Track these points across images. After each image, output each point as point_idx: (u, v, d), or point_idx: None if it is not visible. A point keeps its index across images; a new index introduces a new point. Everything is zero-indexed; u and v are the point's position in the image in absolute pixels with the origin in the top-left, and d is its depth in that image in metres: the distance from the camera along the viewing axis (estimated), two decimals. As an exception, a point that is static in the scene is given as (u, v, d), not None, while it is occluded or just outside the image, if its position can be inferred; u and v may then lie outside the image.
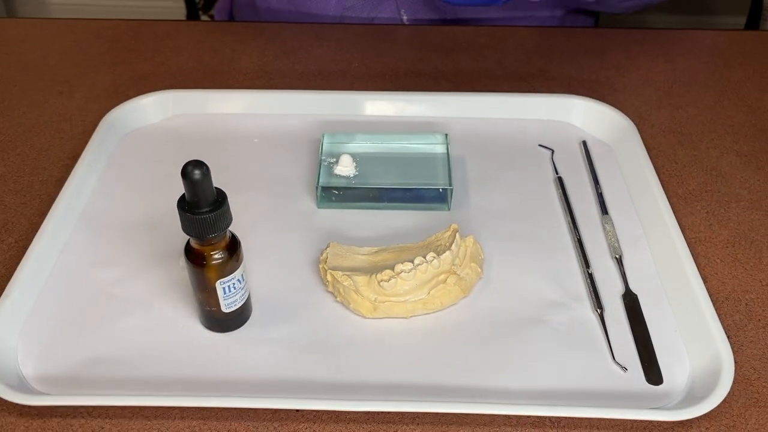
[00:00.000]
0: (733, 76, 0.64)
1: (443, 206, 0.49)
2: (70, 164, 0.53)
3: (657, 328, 0.41)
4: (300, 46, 0.67)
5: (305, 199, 0.50)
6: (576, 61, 0.65)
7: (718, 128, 0.58)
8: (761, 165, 0.54)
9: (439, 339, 0.41)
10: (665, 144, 0.56)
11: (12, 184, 0.52)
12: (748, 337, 0.42)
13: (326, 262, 0.43)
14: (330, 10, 0.74)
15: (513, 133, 0.55)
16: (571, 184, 0.51)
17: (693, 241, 0.47)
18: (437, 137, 0.52)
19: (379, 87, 0.62)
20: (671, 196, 0.50)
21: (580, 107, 0.56)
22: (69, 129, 0.57)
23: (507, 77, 0.63)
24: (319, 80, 0.63)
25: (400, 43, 0.68)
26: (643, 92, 0.61)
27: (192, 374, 0.39)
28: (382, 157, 0.51)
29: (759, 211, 0.50)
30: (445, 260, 0.41)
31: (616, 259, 0.45)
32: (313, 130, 0.55)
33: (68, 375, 0.38)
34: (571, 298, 0.43)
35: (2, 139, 0.56)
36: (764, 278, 0.45)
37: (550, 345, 0.40)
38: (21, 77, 0.64)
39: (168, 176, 0.51)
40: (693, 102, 0.61)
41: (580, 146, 0.54)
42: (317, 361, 0.39)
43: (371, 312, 0.41)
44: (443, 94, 0.57)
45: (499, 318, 0.42)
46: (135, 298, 0.42)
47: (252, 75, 0.64)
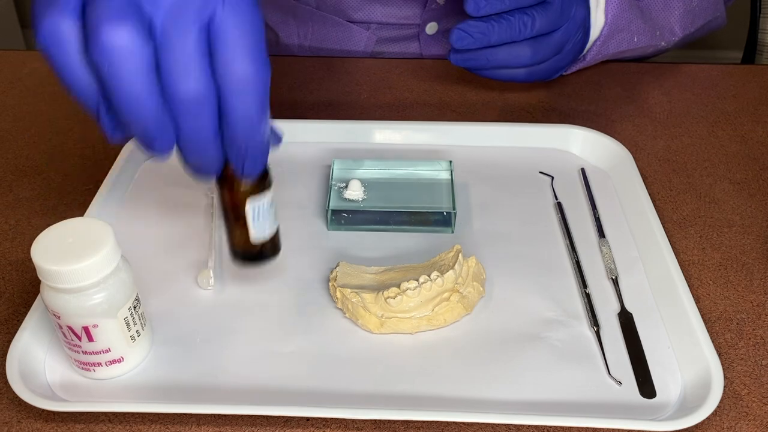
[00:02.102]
0: (726, 107, 0.66)
1: (447, 229, 0.51)
2: (93, 189, 0.55)
3: (651, 345, 0.43)
4: (312, 78, 0.71)
5: (316, 221, 0.52)
6: (575, 93, 0.68)
7: (711, 157, 0.60)
8: (753, 192, 0.56)
9: (443, 353, 0.43)
10: (660, 172, 0.58)
11: (38, 207, 0.55)
12: (738, 355, 0.43)
13: (336, 281, 0.45)
14: (358, 52, 0.77)
15: (514, 160, 0.58)
16: (570, 209, 0.53)
17: (686, 263, 0.50)
18: (442, 164, 0.54)
19: (387, 117, 0.65)
20: (666, 221, 0.53)
21: (579, 136, 0.59)
22: (92, 155, 0.61)
23: (509, 108, 0.66)
24: (330, 110, 0.66)
25: (407, 75, 0.71)
26: (639, 122, 0.64)
27: (208, 383, 0.41)
28: (389, 182, 0.53)
29: (750, 236, 0.52)
30: (448, 279, 0.44)
31: (612, 280, 0.47)
32: (324, 156, 0.58)
33: (91, 384, 0.41)
34: (569, 316, 0.45)
35: (29, 165, 0.60)
36: (755, 299, 0.47)
37: (549, 360, 0.42)
38: (47, 107, 0.67)
39: (188, 199, 0.54)
40: (687, 132, 0.63)
41: (578, 173, 0.57)
42: (327, 372, 0.41)
43: (378, 328, 0.43)
44: (448, 123, 0.60)
45: (500, 334, 0.44)
46: (154, 315, 0.45)
47: (266, 105, 0.67)
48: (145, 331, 0.41)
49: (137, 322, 0.40)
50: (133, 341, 0.40)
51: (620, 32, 0.64)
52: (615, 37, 0.64)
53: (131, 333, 0.40)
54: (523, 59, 0.57)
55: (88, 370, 0.40)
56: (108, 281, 0.38)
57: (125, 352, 0.40)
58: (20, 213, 0.54)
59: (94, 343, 0.39)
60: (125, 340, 0.40)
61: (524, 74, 0.59)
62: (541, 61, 0.58)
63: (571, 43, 0.60)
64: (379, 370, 0.42)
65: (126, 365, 0.41)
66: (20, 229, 0.53)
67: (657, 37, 0.66)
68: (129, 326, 0.40)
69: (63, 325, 0.38)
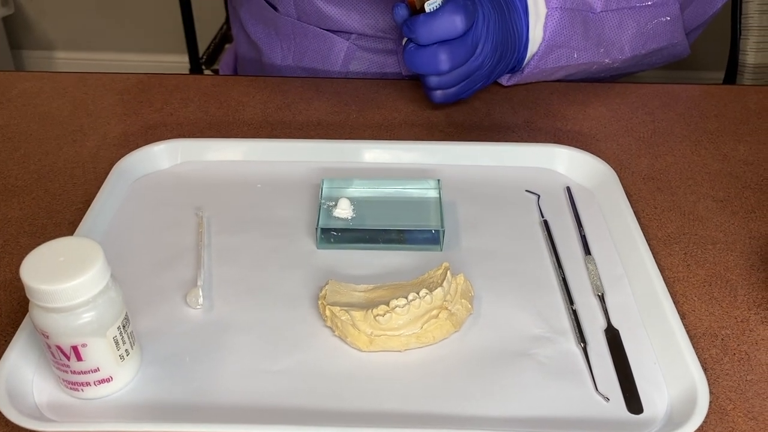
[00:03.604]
0: (708, 126, 0.68)
1: (436, 247, 0.52)
2: (82, 208, 0.55)
3: (637, 361, 0.43)
4: (301, 98, 0.71)
5: (306, 239, 0.52)
6: (560, 113, 0.69)
7: (695, 175, 0.61)
8: (735, 210, 0.57)
9: (432, 371, 0.43)
10: (645, 190, 0.59)
11: (27, 227, 0.55)
12: (724, 370, 0.44)
13: (325, 298, 0.46)
14: (336, 71, 0.78)
15: (501, 179, 0.59)
16: (556, 226, 0.54)
17: (671, 280, 0.50)
18: (430, 182, 0.55)
19: (376, 136, 0.65)
20: (651, 239, 0.53)
21: (564, 155, 0.60)
22: (82, 175, 0.61)
23: (495, 128, 0.67)
24: (319, 130, 0.67)
25: (395, 96, 0.72)
26: (623, 142, 0.65)
27: (197, 402, 0.41)
28: (378, 201, 0.54)
29: (734, 253, 0.53)
30: (437, 296, 0.44)
31: (598, 297, 0.48)
32: (313, 175, 0.58)
33: (79, 404, 0.41)
34: (556, 332, 0.45)
35: (18, 185, 0.60)
36: (739, 315, 0.48)
37: (537, 377, 0.42)
38: (36, 127, 0.67)
39: (177, 219, 0.54)
40: (671, 151, 0.64)
41: (564, 192, 0.58)
42: (316, 391, 0.41)
43: (367, 345, 0.44)
44: (435, 143, 0.61)
45: (489, 351, 0.44)
46: (144, 334, 0.45)
47: (256, 125, 0.67)
48: (134, 350, 0.41)
49: (126, 341, 0.40)
50: (122, 360, 0.40)
51: (559, 48, 0.66)
52: (554, 52, 0.66)
53: (120, 352, 0.40)
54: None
55: (77, 390, 0.40)
56: (97, 300, 0.38)
57: (114, 372, 0.40)
58: (8, 233, 0.54)
59: (82, 362, 0.39)
60: (114, 360, 0.40)
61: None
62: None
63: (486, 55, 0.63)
64: (369, 388, 0.42)
65: (115, 385, 0.41)
66: (8, 248, 0.53)
67: (601, 54, 0.68)
68: (118, 345, 0.40)
69: (51, 345, 0.38)
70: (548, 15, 0.64)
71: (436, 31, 0.58)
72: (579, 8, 0.65)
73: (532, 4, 0.64)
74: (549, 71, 0.68)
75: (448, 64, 0.60)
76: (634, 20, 0.67)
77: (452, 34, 0.58)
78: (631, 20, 0.67)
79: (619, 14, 0.67)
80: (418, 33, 0.58)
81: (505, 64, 0.66)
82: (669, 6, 0.69)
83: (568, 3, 0.64)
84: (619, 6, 0.67)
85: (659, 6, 0.68)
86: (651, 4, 0.67)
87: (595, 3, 0.66)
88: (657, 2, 0.68)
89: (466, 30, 0.59)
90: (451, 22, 0.58)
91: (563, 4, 0.64)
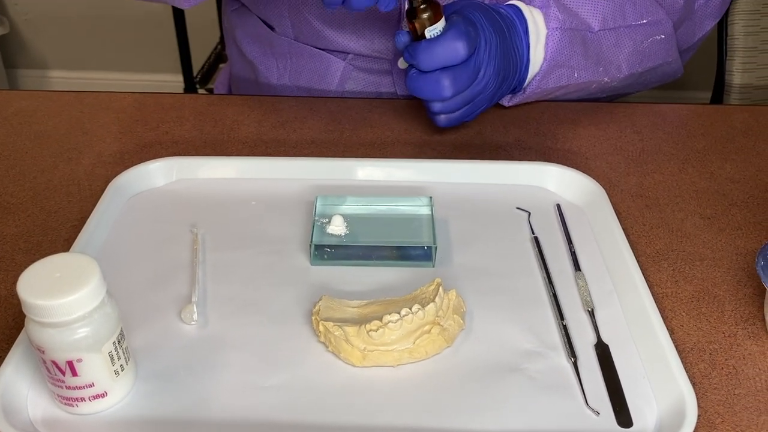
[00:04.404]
0: (696, 145, 0.69)
1: (428, 263, 0.52)
2: (78, 225, 0.56)
3: (627, 375, 0.44)
4: (295, 117, 0.72)
5: (300, 256, 0.53)
6: (551, 132, 0.70)
7: (682, 193, 0.62)
8: (722, 227, 0.58)
9: (425, 386, 0.43)
10: (634, 207, 0.60)
11: (23, 244, 0.55)
12: (712, 384, 0.45)
13: (319, 314, 0.46)
14: (332, 90, 0.79)
15: (492, 196, 0.59)
16: (547, 243, 0.55)
17: (660, 296, 0.51)
18: (422, 200, 0.56)
19: (369, 154, 0.66)
20: (640, 255, 0.54)
21: (555, 174, 0.61)
22: (77, 192, 0.61)
23: (486, 146, 0.68)
24: (313, 148, 0.67)
25: (388, 115, 0.73)
26: (612, 160, 0.66)
27: (191, 418, 0.41)
28: (371, 218, 0.55)
29: (721, 269, 0.54)
30: (429, 312, 0.45)
31: (588, 312, 0.49)
32: (307, 193, 0.59)
33: (73, 419, 0.41)
34: (547, 347, 0.46)
35: (14, 202, 0.60)
36: (727, 330, 0.48)
37: (528, 391, 0.43)
38: (32, 145, 0.68)
39: (172, 235, 0.54)
40: (659, 169, 0.65)
41: (554, 209, 0.59)
42: (310, 406, 0.42)
43: (361, 361, 0.44)
44: (428, 161, 0.62)
45: (481, 366, 0.45)
46: (138, 349, 0.45)
47: (250, 143, 0.68)
48: (129, 366, 0.42)
49: (121, 356, 0.41)
50: (117, 376, 0.41)
51: (560, 68, 0.67)
52: (555, 71, 0.67)
53: (115, 367, 0.40)
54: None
55: (71, 406, 0.41)
56: (93, 315, 0.38)
57: (109, 387, 0.41)
58: (4, 250, 0.55)
59: (78, 377, 0.39)
60: (109, 375, 0.40)
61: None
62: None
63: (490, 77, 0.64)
64: (362, 403, 0.42)
65: (109, 400, 0.41)
66: (3, 265, 0.53)
67: (600, 72, 0.69)
68: (113, 360, 0.40)
69: (47, 360, 0.39)
70: (549, 35, 0.65)
71: (438, 58, 0.59)
72: (578, 28, 0.66)
73: (532, 25, 0.65)
74: (550, 90, 0.69)
75: (451, 90, 0.60)
76: (630, 39, 0.69)
77: (455, 60, 0.59)
78: (627, 39, 0.69)
79: (616, 33, 0.68)
80: (420, 59, 0.59)
81: (508, 85, 0.66)
82: (663, 24, 0.70)
83: (567, 23, 0.65)
84: (616, 25, 0.68)
85: (654, 24, 0.69)
86: (646, 23, 0.69)
87: (593, 22, 0.67)
88: (651, 21, 0.69)
89: (469, 56, 0.59)
90: (454, 48, 0.58)
91: (563, 24, 0.65)
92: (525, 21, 0.65)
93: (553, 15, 0.65)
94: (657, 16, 0.70)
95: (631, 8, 0.68)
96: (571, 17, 0.66)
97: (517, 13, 0.65)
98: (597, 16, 0.67)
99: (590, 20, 0.67)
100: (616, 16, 0.68)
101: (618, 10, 0.68)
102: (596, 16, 0.67)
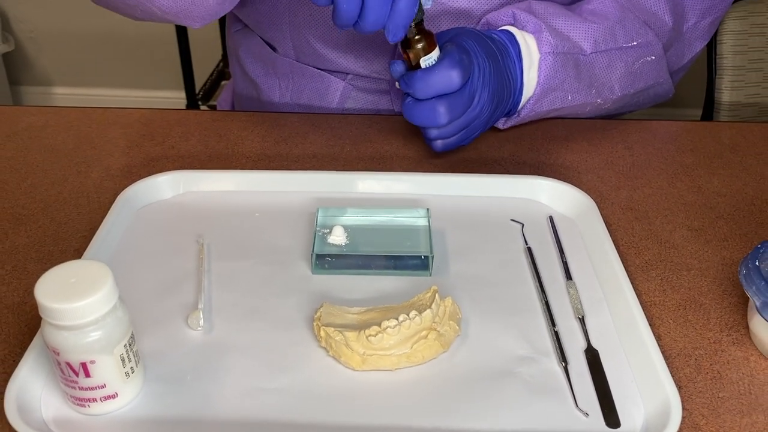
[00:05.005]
0: (684, 160, 0.71)
1: (425, 272, 0.54)
2: (87, 236, 0.58)
3: (615, 379, 0.46)
4: (297, 132, 0.75)
5: (302, 265, 0.55)
6: (544, 147, 0.72)
7: (671, 206, 0.64)
8: (709, 239, 0.60)
9: (422, 389, 0.45)
10: (624, 219, 0.62)
11: (34, 254, 0.57)
12: (697, 389, 0.47)
13: (320, 320, 0.48)
14: (332, 108, 0.81)
15: (487, 208, 0.62)
16: (539, 253, 0.57)
17: (648, 304, 0.53)
18: (420, 211, 0.58)
19: (368, 168, 0.69)
20: (629, 265, 0.56)
21: (547, 187, 0.63)
22: (87, 204, 0.63)
23: (482, 161, 0.70)
24: (314, 162, 0.70)
25: (387, 130, 0.75)
26: (603, 174, 0.69)
27: (197, 419, 0.43)
28: (370, 229, 0.57)
29: (707, 279, 0.56)
30: (426, 318, 0.47)
31: (579, 319, 0.50)
32: (309, 205, 0.61)
33: (84, 419, 0.43)
34: (540, 353, 0.48)
35: (26, 214, 0.62)
36: (712, 336, 0.50)
37: (521, 394, 0.45)
38: (43, 159, 0.70)
39: (179, 246, 0.57)
40: (649, 183, 0.68)
41: (547, 221, 0.61)
42: (311, 408, 0.44)
43: (360, 365, 0.46)
44: (425, 174, 0.64)
45: (476, 370, 0.46)
46: (147, 353, 0.47)
47: (254, 158, 0.70)
48: (138, 368, 0.44)
49: (132, 359, 0.43)
50: (127, 377, 0.43)
51: (553, 91, 0.68)
52: (548, 95, 0.69)
53: (126, 369, 0.42)
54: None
55: (83, 406, 0.42)
56: (106, 319, 0.40)
57: (120, 388, 0.42)
58: (16, 259, 0.57)
59: (90, 378, 0.41)
60: (120, 376, 0.42)
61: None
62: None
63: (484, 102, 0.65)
64: (361, 405, 0.44)
65: (120, 401, 0.43)
66: (16, 274, 0.55)
67: (593, 94, 0.71)
68: (124, 362, 0.42)
69: (62, 362, 0.41)
70: (541, 60, 0.67)
71: (433, 87, 0.60)
72: (570, 51, 0.68)
73: (525, 49, 0.67)
74: (544, 113, 0.71)
75: (447, 117, 0.62)
76: (622, 60, 0.71)
77: (450, 88, 0.61)
78: (619, 61, 0.71)
79: (608, 55, 0.70)
80: (416, 89, 0.61)
81: (502, 109, 0.68)
82: (653, 46, 0.72)
83: (560, 47, 0.67)
84: (608, 47, 0.70)
85: (644, 46, 0.72)
86: (636, 45, 0.71)
87: (586, 45, 0.69)
88: (642, 42, 0.71)
89: (464, 83, 0.61)
90: (448, 77, 0.60)
91: (555, 48, 0.67)
92: (518, 45, 0.67)
93: (545, 40, 0.67)
94: (647, 38, 0.72)
95: (621, 31, 0.70)
96: (564, 41, 0.68)
97: (509, 38, 0.67)
98: (589, 39, 0.69)
99: (582, 43, 0.69)
100: (607, 38, 0.70)
101: (609, 32, 0.70)
102: (588, 40, 0.69)
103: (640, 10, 0.72)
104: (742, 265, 0.48)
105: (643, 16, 0.72)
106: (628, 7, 0.72)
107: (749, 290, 0.47)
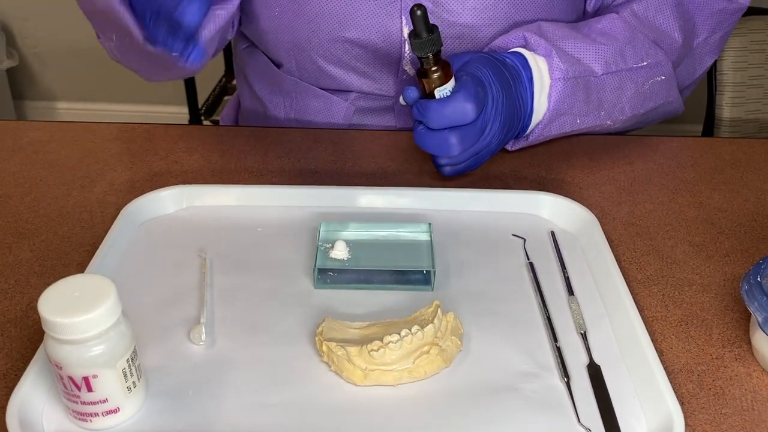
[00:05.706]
0: (685, 176, 0.71)
1: (427, 287, 0.54)
2: (90, 250, 0.58)
3: (618, 395, 0.46)
4: (299, 148, 0.75)
5: (304, 280, 0.55)
6: (546, 163, 0.73)
7: (672, 221, 0.64)
8: (711, 254, 0.60)
9: (424, 404, 0.45)
10: (625, 235, 0.62)
11: (37, 267, 0.58)
12: (699, 404, 0.46)
13: (322, 335, 0.48)
14: (338, 124, 0.82)
15: (489, 223, 0.62)
16: (541, 268, 0.57)
17: (650, 319, 0.53)
18: (422, 226, 0.58)
19: (371, 183, 0.69)
20: (631, 281, 0.56)
21: (549, 202, 0.63)
22: (89, 219, 0.64)
23: (484, 176, 0.70)
24: (317, 177, 0.70)
25: (389, 146, 0.75)
26: (605, 190, 0.69)
27: (200, 434, 0.43)
28: (372, 243, 0.57)
29: (709, 294, 0.56)
30: (428, 333, 0.47)
31: (581, 335, 0.50)
32: (311, 219, 0.62)
33: (88, 434, 0.43)
34: (542, 368, 0.48)
35: (29, 228, 0.62)
36: (714, 352, 0.50)
37: (523, 410, 0.45)
38: (46, 173, 0.71)
39: (181, 260, 0.57)
40: (650, 198, 0.68)
41: (549, 236, 0.61)
42: (313, 423, 0.44)
43: (362, 380, 0.46)
44: (427, 189, 0.64)
45: (478, 386, 0.46)
46: (149, 368, 0.47)
47: (256, 173, 0.71)
48: (140, 383, 0.44)
49: (134, 373, 0.43)
50: (129, 392, 0.43)
51: (562, 116, 0.69)
52: (557, 120, 0.69)
53: (128, 384, 0.42)
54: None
55: (85, 421, 0.42)
56: (109, 333, 0.40)
57: (121, 403, 0.42)
58: (19, 273, 0.57)
59: (92, 393, 0.41)
60: (122, 391, 0.42)
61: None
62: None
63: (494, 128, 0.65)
64: (363, 421, 0.44)
65: (121, 416, 0.43)
66: (19, 288, 0.55)
67: (602, 117, 0.71)
68: (126, 377, 0.42)
69: (64, 376, 0.41)
70: (552, 85, 0.67)
71: (447, 118, 0.61)
72: (581, 75, 0.68)
73: (536, 74, 0.67)
74: (552, 136, 0.71)
75: (459, 148, 0.62)
76: (632, 81, 0.71)
77: (463, 120, 0.61)
78: (629, 82, 0.71)
79: (618, 76, 0.70)
80: (430, 118, 0.61)
81: (512, 134, 0.68)
82: (663, 66, 0.72)
83: (570, 72, 0.67)
84: (618, 68, 0.70)
85: (654, 66, 0.72)
86: (646, 65, 0.71)
87: (596, 67, 0.69)
88: (651, 63, 0.71)
89: (477, 116, 0.61)
90: (463, 110, 0.60)
91: (566, 74, 0.67)
92: (530, 70, 0.67)
93: (555, 65, 0.67)
94: (656, 58, 0.72)
95: (630, 51, 0.70)
96: (574, 65, 0.67)
97: (522, 62, 0.67)
98: (599, 60, 0.69)
99: (593, 65, 0.69)
100: (617, 59, 0.70)
101: (618, 53, 0.70)
102: (599, 61, 0.69)
103: (650, 28, 0.73)
104: (743, 281, 0.48)
105: (653, 35, 0.73)
106: (637, 26, 0.72)
107: (751, 306, 0.47)
